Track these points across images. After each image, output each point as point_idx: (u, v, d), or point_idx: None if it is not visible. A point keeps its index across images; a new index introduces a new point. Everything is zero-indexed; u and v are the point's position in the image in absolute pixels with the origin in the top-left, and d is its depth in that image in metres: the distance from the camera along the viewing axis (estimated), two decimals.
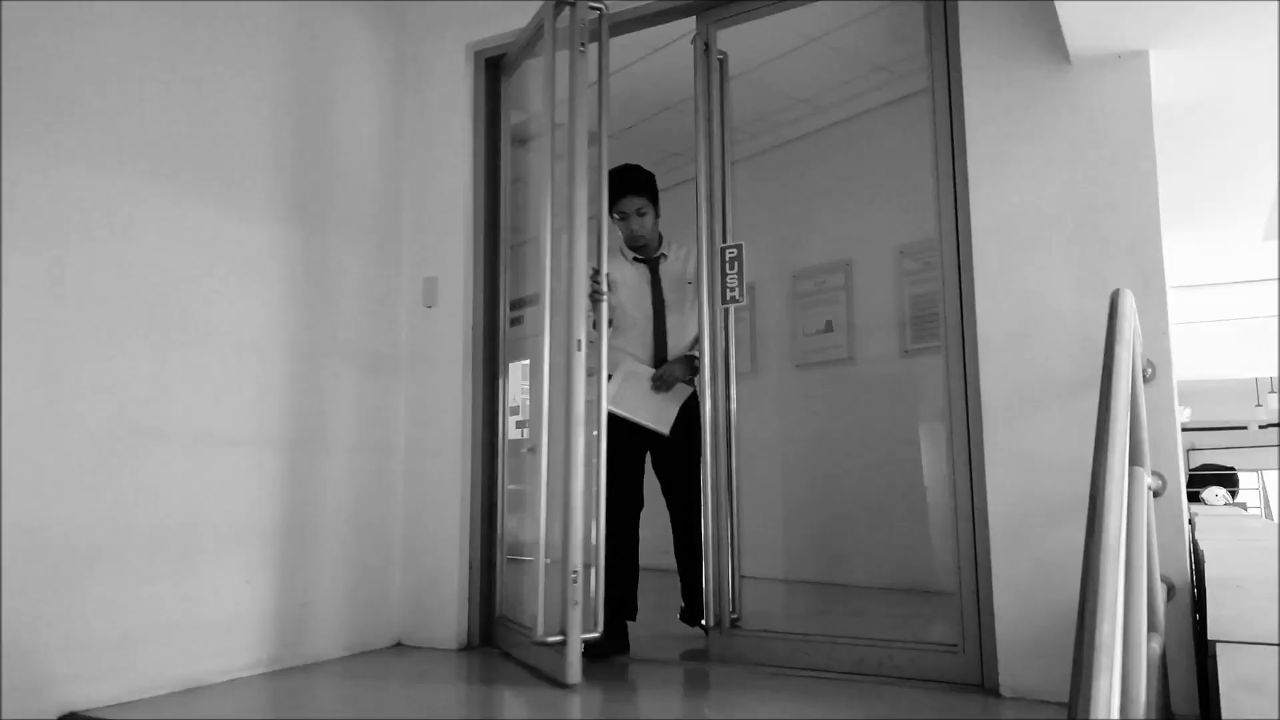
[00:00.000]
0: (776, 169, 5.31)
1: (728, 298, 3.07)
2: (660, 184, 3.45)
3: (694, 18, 3.23)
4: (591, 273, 2.91)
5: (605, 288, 2.96)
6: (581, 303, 2.77)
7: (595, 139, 2.95)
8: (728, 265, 3.07)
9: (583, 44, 2.82)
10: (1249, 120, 3.39)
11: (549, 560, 2.78)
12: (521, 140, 3.83)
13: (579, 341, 2.72)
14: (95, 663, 2.47)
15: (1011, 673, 2.49)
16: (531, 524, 2.86)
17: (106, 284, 2.59)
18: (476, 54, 3.61)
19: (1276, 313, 7.09)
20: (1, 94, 2.38)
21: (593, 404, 2.85)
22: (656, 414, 3.24)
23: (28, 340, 2.40)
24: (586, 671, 2.78)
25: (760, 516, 4.95)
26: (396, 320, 3.53)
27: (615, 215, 3.25)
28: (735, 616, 3.00)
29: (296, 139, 3.21)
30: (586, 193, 2.82)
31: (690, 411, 3.24)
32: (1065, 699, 2.27)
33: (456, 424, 3.38)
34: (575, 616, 2.59)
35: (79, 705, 2.41)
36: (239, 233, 2.98)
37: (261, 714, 2.55)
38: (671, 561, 3.37)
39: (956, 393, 2.70)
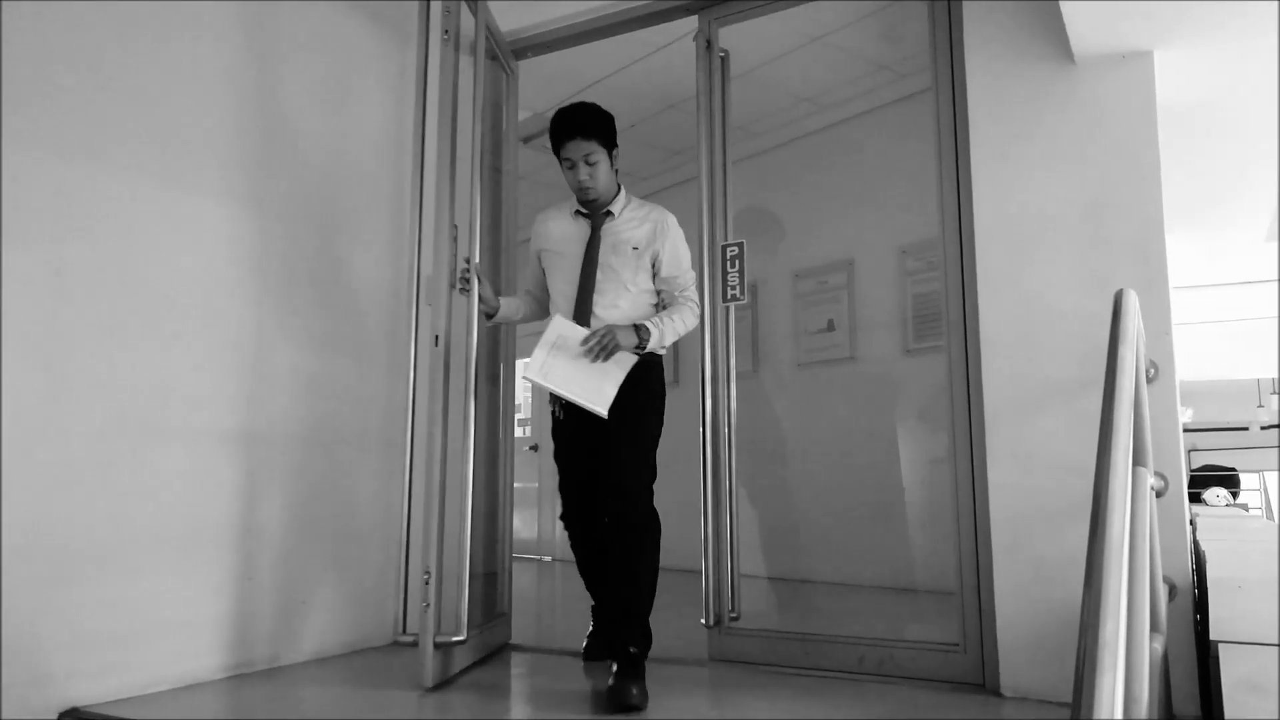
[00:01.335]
0: (779, 168, 5.30)
1: (728, 296, 3.06)
2: (661, 182, 3.39)
3: (696, 16, 3.23)
4: (463, 262, 2.77)
5: (476, 279, 2.76)
6: (443, 295, 2.71)
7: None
8: (729, 263, 3.07)
9: (446, 31, 2.83)
10: (1251, 121, 3.38)
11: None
12: (525, 138, 3.82)
13: (436, 337, 2.72)
14: (96, 659, 2.47)
15: (1012, 672, 2.49)
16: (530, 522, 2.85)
17: (108, 280, 2.59)
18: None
19: (1278, 314, 7.08)
20: (1, 90, 2.37)
21: (458, 400, 2.82)
22: (593, 389, 2.60)
23: (28, 336, 2.40)
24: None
25: (759, 515, 4.95)
26: (402, 318, 3.53)
27: (563, 163, 2.76)
28: (735, 616, 3.00)
29: (300, 137, 3.20)
30: (452, 182, 2.81)
31: (641, 381, 2.70)
32: (1067, 698, 2.28)
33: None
34: (428, 619, 2.58)
35: (80, 702, 2.41)
36: (243, 231, 2.98)
37: (259, 710, 2.55)
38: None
39: (959, 392, 2.70)
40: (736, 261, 3.06)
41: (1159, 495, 2.12)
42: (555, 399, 2.80)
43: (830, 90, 4.92)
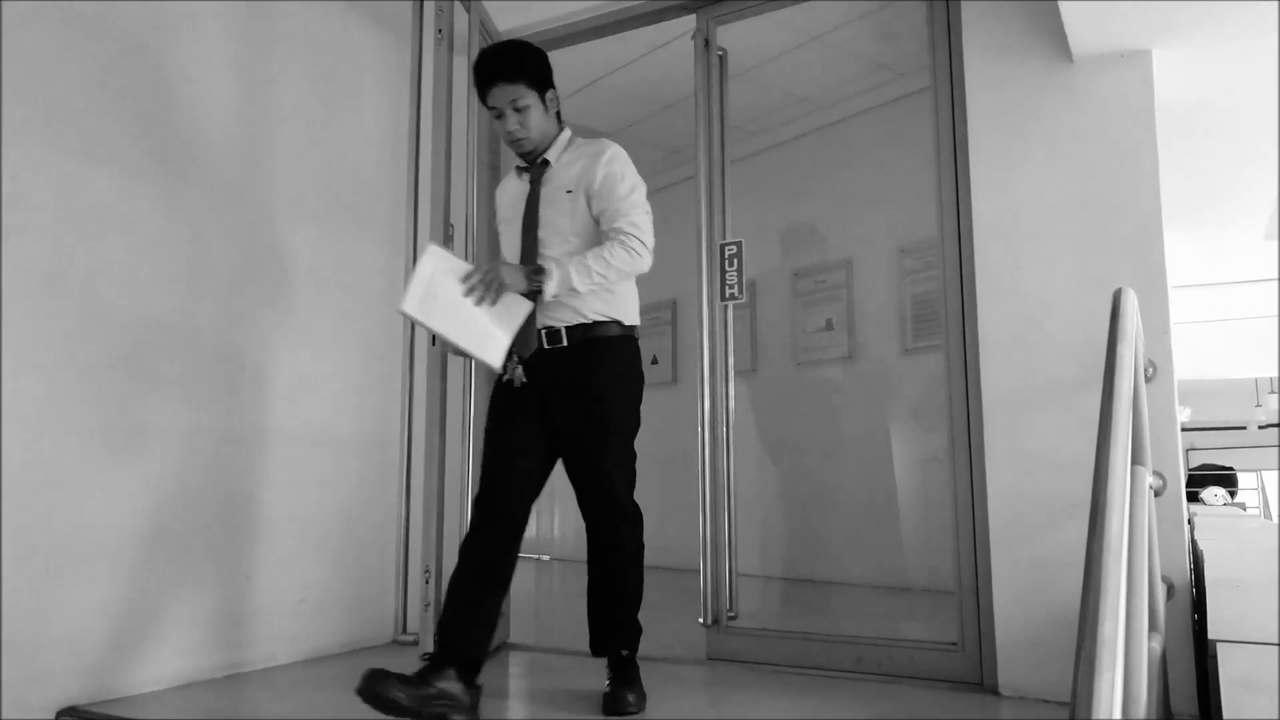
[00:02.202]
0: (777, 167, 5.30)
1: (727, 295, 3.06)
2: (660, 182, 3.35)
3: (694, 15, 3.22)
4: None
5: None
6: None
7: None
8: (727, 262, 3.07)
9: (440, 30, 2.82)
10: (1251, 120, 3.39)
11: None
12: None
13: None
14: (94, 658, 2.46)
15: (1011, 671, 2.49)
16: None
17: (107, 279, 2.58)
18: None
19: (1276, 313, 7.09)
20: (1, 89, 2.37)
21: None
22: (481, 335, 2.25)
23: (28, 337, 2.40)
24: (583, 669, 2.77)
25: (758, 514, 4.96)
26: (399, 318, 3.52)
27: (491, 112, 2.42)
28: (733, 615, 3.00)
29: (299, 136, 3.20)
30: (447, 182, 2.82)
31: (603, 363, 2.37)
32: (1065, 698, 2.27)
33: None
34: (428, 618, 2.58)
35: (78, 700, 2.41)
36: (242, 230, 2.97)
37: (255, 709, 2.54)
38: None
39: (957, 391, 2.70)
40: (735, 260, 3.06)
41: (1157, 494, 2.13)
42: (511, 358, 2.38)
43: (829, 89, 4.92)
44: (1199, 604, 2.46)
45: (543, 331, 2.36)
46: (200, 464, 2.79)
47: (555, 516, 6.75)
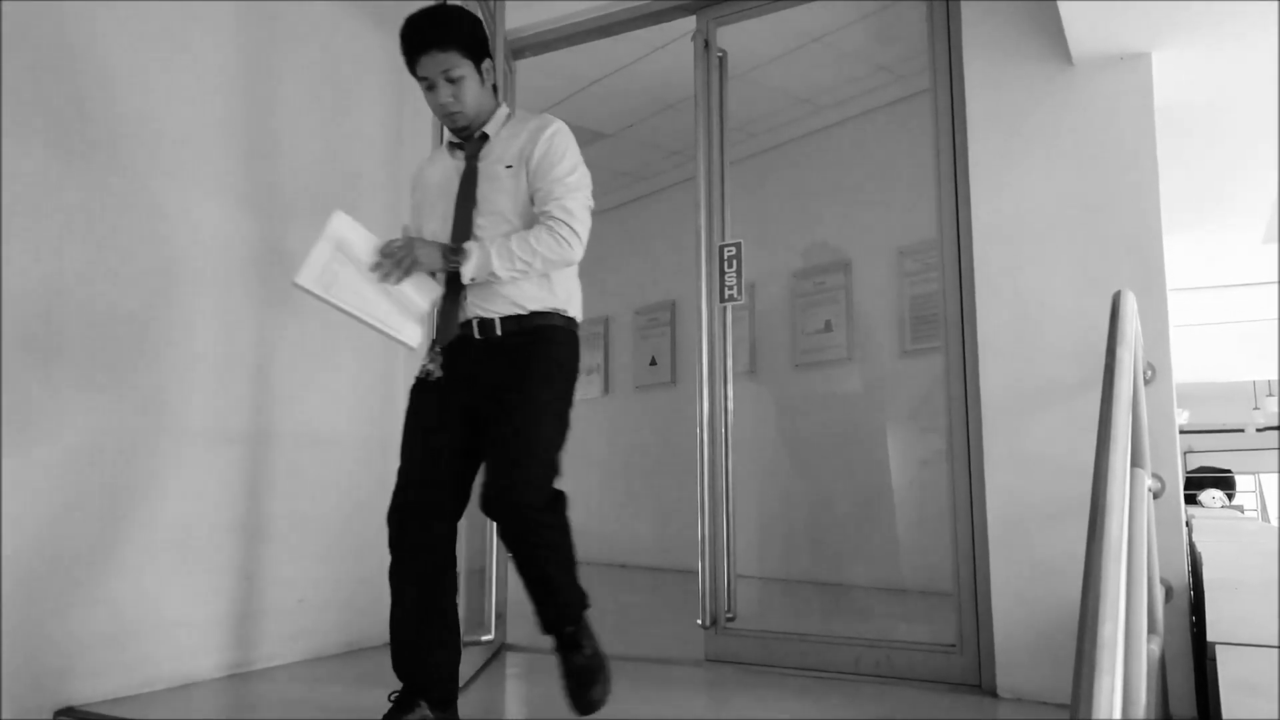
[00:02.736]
0: (777, 168, 5.30)
1: (726, 296, 3.06)
2: (660, 183, 3.32)
3: (694, 15, 3.23)
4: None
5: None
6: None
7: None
8: (726, 264, 3.07)
9: None
10: (1250, 122, 3.39)
11: None
12: None
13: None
14: (92, 658, 2.46)
15: (1009, 673, 2.49)
16: None
17: (106, 279, 2.58)
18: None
19: (1275, 316, 7.10)
20: (1, 89, 2.37)
21: None
22: (398, 313, 2.08)
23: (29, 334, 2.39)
24: None
25: (757, 516, 4.95)
26: None
27: (421, 84, 2.22)
28: (731, 616, 3.00)
29: (299, 136, 3.19)
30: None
31: (533, 354, 2.10)
32: (1062, 699, 2.28)
33: None
34: None
35: (75, 700, 2.40)
36: (242, 230, 2.97)
37: (255, 710, 2.54)
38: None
39: (956, 393, 2.70)
40: (734, 262, 3.06)
41: (1155, 497, 2.13)
42: (432, 351, 2.20)
43: (828, 90, 4.92)
44: (1197, 606, 2.46)
45: (474, 321, 2.13)
46: (199, 464, 2.79)
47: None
